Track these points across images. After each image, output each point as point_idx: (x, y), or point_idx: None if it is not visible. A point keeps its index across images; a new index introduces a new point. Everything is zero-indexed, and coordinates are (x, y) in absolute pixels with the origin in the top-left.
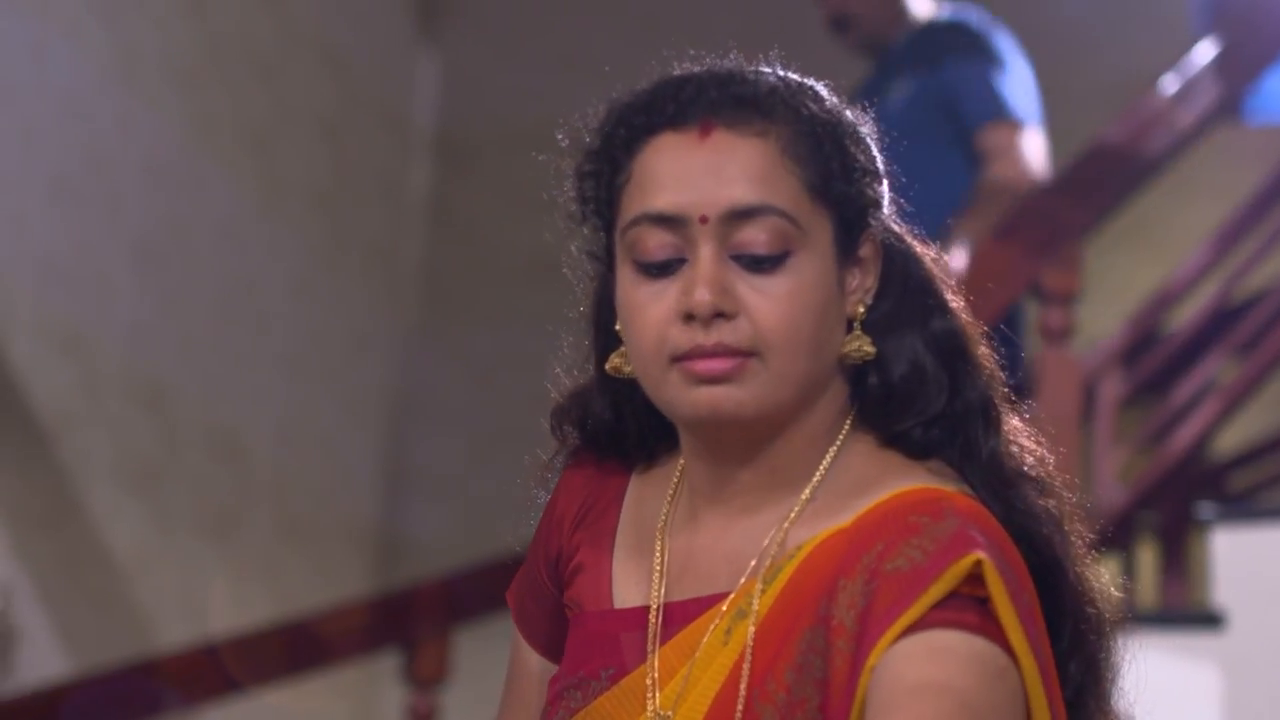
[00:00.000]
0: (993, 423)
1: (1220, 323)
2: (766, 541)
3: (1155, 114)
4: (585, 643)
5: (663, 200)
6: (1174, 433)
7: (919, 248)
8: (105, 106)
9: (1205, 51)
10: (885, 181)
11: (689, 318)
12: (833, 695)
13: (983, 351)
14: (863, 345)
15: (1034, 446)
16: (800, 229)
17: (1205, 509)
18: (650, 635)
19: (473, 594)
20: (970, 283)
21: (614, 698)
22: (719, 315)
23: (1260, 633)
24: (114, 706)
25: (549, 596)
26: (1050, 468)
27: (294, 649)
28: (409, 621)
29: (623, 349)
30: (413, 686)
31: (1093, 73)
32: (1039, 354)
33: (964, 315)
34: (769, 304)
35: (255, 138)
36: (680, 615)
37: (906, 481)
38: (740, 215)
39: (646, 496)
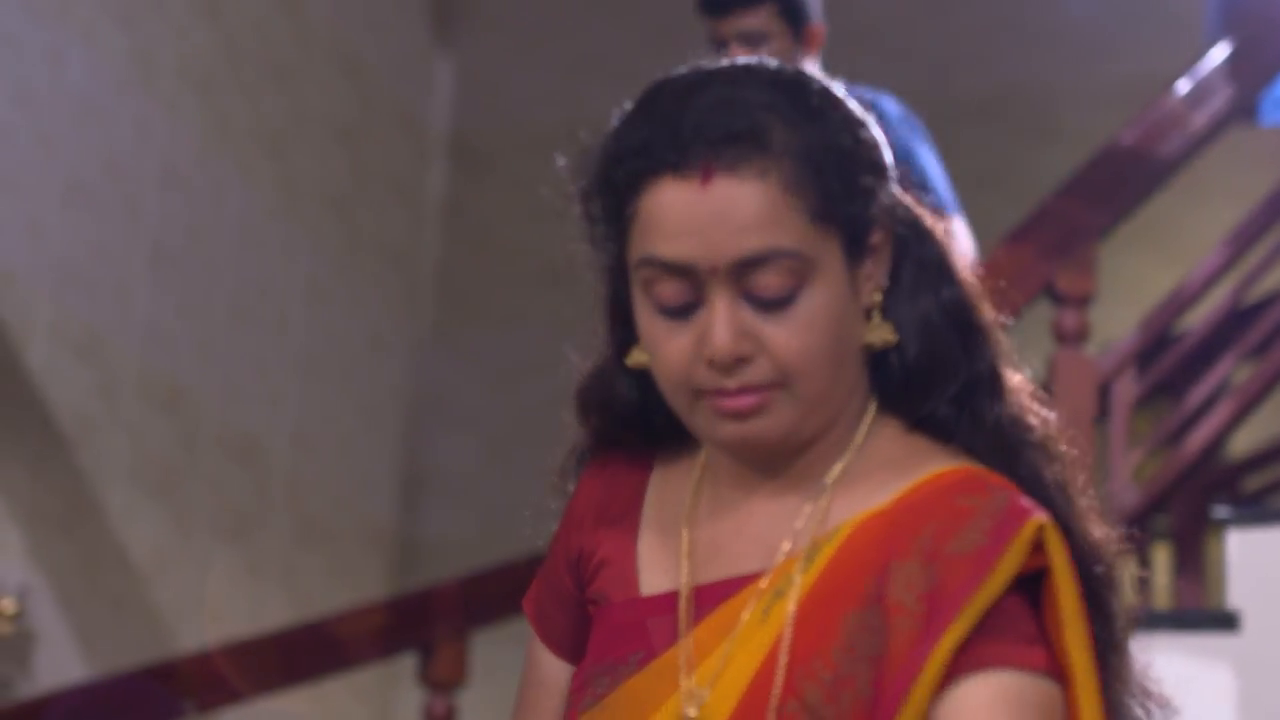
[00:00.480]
0: (999, 391)
1: (1234, 324)
2: (801, 523)
3: (1169, 116)
4: (612, 633)
5: (671, 250)
6: (1188, 434)
7: (927, 220)
8: (122, 111)
9: (1219, 53)
10: (889, 168)
11: (711, 363)
12: (889, 671)
13: (988, 319)
14: (884, 334)
15: (1037, 408)
16: (808, 261)
17: (1219, 510)
18: (680, 618)
19: (490, 596)
20: (985, 286)
21: (644, 679)
22: (740, 360)
23: (1274, 633)
24: (131, 709)
25: (571, 598)
26: (1053, 428)
27: (311, 651)
28: (426, 624)
29: (641, 347)
30: (430, 689)
31: (1107, 75)
32: (1054, 356)
33: (970, 283)
34: (786, 337)
35: (272, 142)
36: (712, 596)
37: (939, 464)
38: (749, 263)
39: (669, 486)
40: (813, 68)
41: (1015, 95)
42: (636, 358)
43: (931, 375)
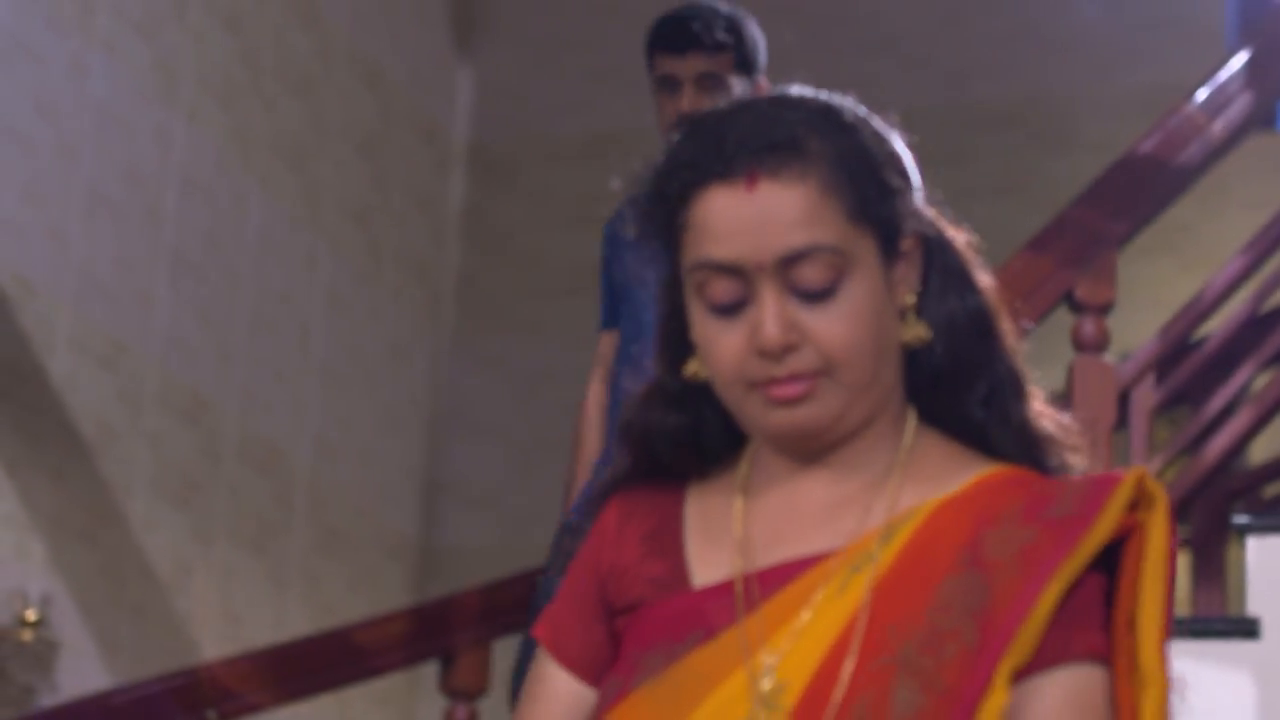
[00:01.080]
0: (1021, 393)
1: (1254, 332)
2: (869, 508)
3: (1188, 124)
4: (661, 623)
5: (721, 251)
6: (1208, 442)
7: (949, 231)
8: (144, 122)
9: (1238, 61)
10: (915, 181)
11: (762, 353)
12: (995, 618)
13: (1008, 327)
14: (918, 331)
15: (1052, 411)
16: (847, 256)
17: (1239, 517)
18: (738, 601)
19: (511, 604)
20: (1005, 295)
21: (708, 653)
22: (788, 349)
23: None
24: (153, 717)
25: (596, 615)
26: (1071, 427)
27: (333, 660)
28: (447, 632)
29: (697, 357)
30: (451, 697)
31: (1125, 83)
32: (1073, 363)
33: (991, 292)
34: (830, 327)
35: (292, 152)
36: (776, 578)
37: (987, 465)
38: (793, 259)
39: (709, 499)
40: None
41: (1034, 104)
42: (693, 368)
43: (958, 376)
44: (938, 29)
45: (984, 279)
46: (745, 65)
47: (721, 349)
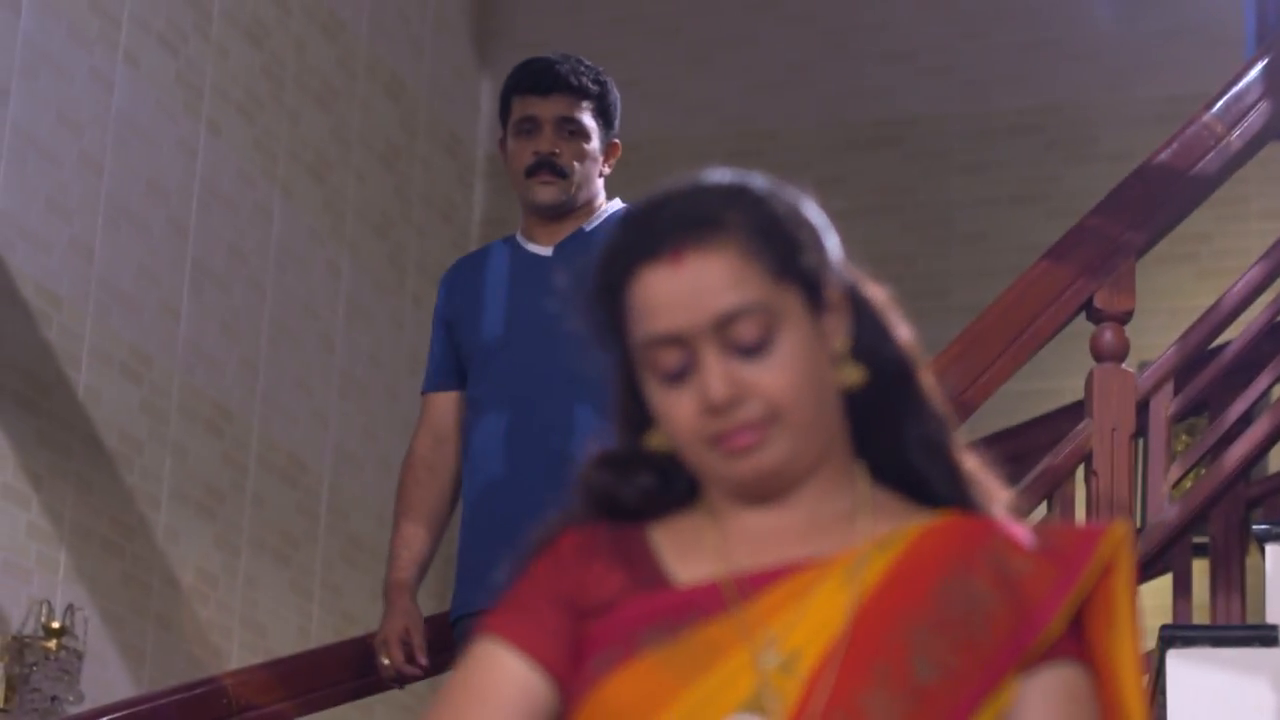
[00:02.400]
0: (949, 437)
1: (1272, 340)
2: (843, 535)
3: (1206, 133)
4: (650, 610)
5: (662, 324)
6: (1226, 450)
7: (869, 287)
8: (167, 133)
9: (1255, 70)
10: (827, 235)
11: (712, 410)
12: (1004, 623)
13: (928, 377)
14: (853, 374)
15: (975, 458)
16: (775, 311)
17: (1258, 525)
18: (729, 595)
19: None
20: (1024, 304)
21: (712, 627)
22: (734, 402)
23: None
24: None
25: (561, 612)
26: (992, 476)
27: (357, 669)
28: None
29: (658, 429)
30: None
31: (1144, 93)
32: (1093, 372)
33: (910, 343)
34: (770, 377)
35: (315, 163)
36: (767, 578)
37: (934, 511)
38: (726, 320)
39: (675, 525)
40: (600, 182)
41: (1053, 113)
42: (656, 440)
43: (893, 418)
44: (957, 39)
45: (903, 331)
46: (605, 117)
47: (677, 414)
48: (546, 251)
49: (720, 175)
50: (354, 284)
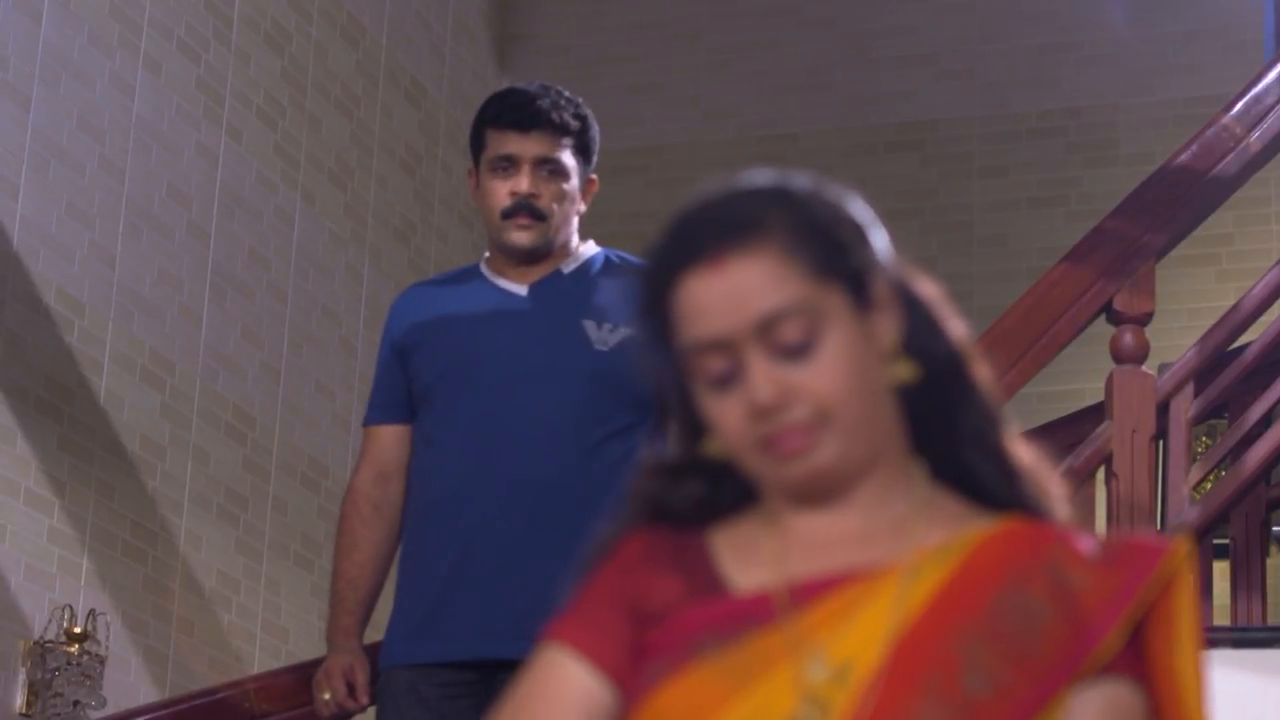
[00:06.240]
0: (1001, 432)
1: None
2: (897, 542)
3: (1225, 135)
4: (707, 619)
5: (704, 329)
6: (1247, 451)
7: (919, 283)
8: (188, 139)
9: (1275, 73)
10: (873, 232)
11: (759, 414)
12: (1058, 639)
13: (983, 371)
14: (904, 371)
15: (1033, 453)
16: (818, 311)
17: (1279, 526)
18: (781, 605)
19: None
20: (1044, 306)
21: (764, 637)
22: (781, 405)
23: None
24: None
25: (624, 619)
26: (1050, 471)
27: (378, 673)
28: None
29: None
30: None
31: (1164, 96)
32: (1113, 374)
33: (963, 337)
34: (816, 378)
35: (336, 168)
36: (821, 586)
37: (1006, 515)
38: (769, 322)
39: (732, 530)
40: (575, 221)
41: (1073, 116)
42: (713, 447)
43: (945, 415)
44: (977, 43)
45: (955, 326)
46: (585, 154)
47: (726, 419)
48: (520, 290)
49: (760, 177)
50: (375, 288)
